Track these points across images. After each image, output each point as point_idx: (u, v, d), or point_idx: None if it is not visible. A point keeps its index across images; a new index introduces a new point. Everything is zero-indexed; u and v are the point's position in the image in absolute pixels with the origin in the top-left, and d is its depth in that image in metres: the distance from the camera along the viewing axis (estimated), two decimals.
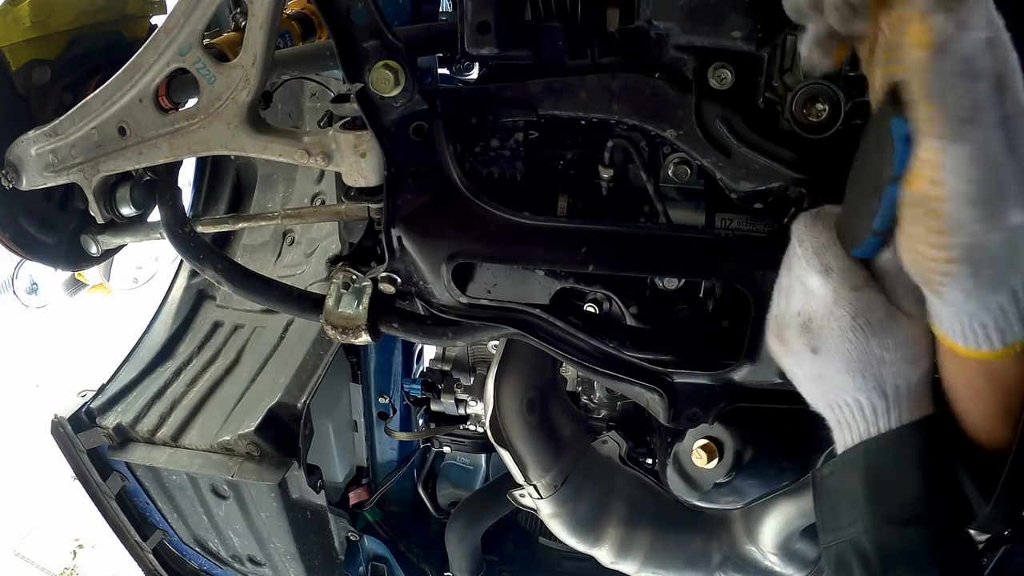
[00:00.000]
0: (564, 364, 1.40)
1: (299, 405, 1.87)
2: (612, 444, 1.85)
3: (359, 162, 1.03)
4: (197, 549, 2.27)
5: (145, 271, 6.88)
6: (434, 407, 2.28)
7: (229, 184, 2.41)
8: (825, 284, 0.76)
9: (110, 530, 2.19)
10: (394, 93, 0.97)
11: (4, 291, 6.66)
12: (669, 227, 1.03)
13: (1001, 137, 0.59)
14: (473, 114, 1.04)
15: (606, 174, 1.05)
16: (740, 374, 1.02)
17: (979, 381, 0.73)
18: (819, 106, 0.90)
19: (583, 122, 1.02)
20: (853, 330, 0.75)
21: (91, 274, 6.77)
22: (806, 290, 0.78)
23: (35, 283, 6.82)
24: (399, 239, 1.05)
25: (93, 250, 1.42)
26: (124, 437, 2.01)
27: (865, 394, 0.77)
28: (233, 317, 2.29)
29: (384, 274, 1.09)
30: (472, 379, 2.21)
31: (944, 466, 0.76)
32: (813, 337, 0.78)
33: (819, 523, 0.85)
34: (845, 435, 0.80)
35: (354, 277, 1.11)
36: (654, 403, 1.08)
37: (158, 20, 1.44)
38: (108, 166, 1.17)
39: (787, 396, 0.88)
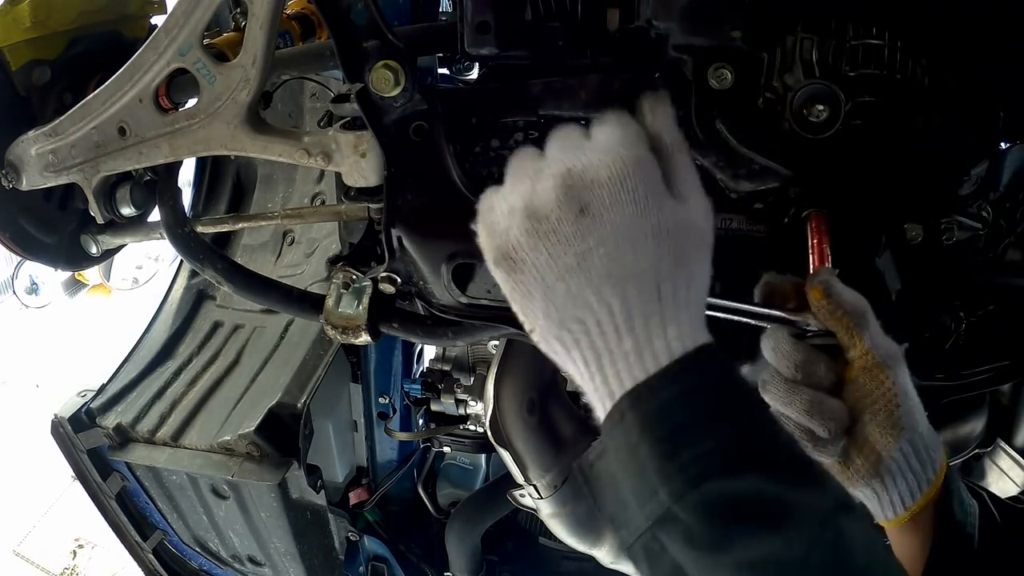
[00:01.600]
0: None
1: (299, 405, 1.87)
2: None
3: (359, 162, 1.03)
4: (197, 549, 2.27)
5: (145, 271, 6.88)
6: (434, 407, 2.27)
7: (229, 184, 2.41)
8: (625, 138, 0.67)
9: (110, 530, 2.20)
10: (394, 93, 0.97)
11: (4, 291, 6.67)
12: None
13: None
14: (473, 114, 1.04)
15: None
16: None
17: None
18: (819, 106, 0.90)
19: (583, 122, 1.02)
20: (646, 196, 0.63)
21: (91, 274, 6.78)
22: (582, 146, 0.68)
23: (35, 283, 6.83)
24: (399, 239, 1.04)
25: (93, 250, 1.42)
26: (124, 437, 2.01)
27: (638, 300, 0.62)
28: (233, 317, 2.29)
29: (384, 274, 1.09)
30: (472, 379, 2.21)
31: (739, 390, 0.64)
32: (579, 199, 0.64)
33: (608, 521, 0.68)
34: (595, 373, 0.63)
35: (354, 277, 1.11)
36: None
37: (158, 20, 1.44)
38: (108, 166, 1.17)
39: None
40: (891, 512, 0.82)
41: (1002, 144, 1.16)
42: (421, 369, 2.43)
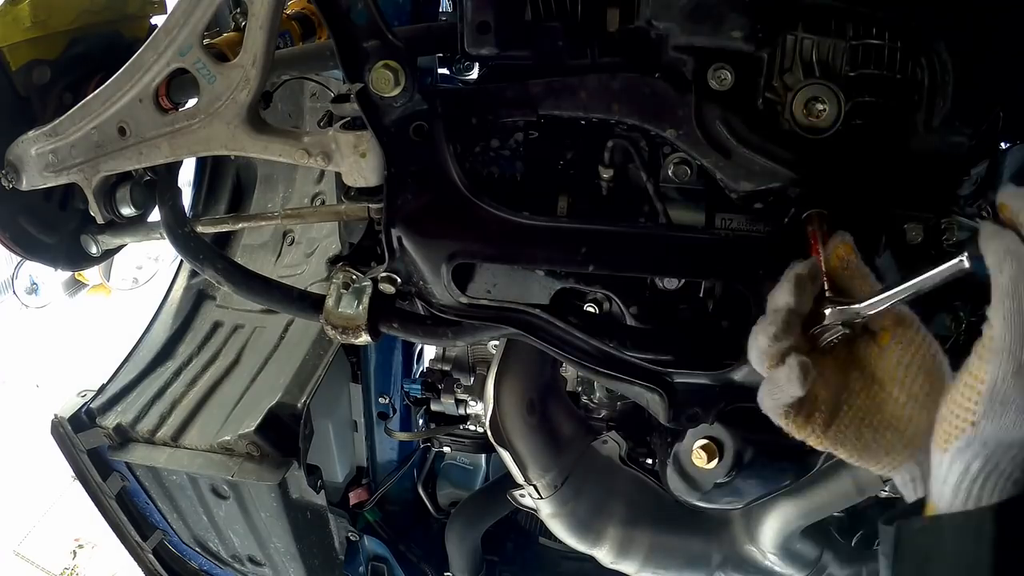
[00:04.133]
0: (564, 364, 1.40)
1: (299, 405, 1.87)
2: (612, 444, 1.86)
3: (359, 162, 1.03)
4: (197, 549, 2.27)
5: (145, 271, 6.88)
6: (434, 407, 2.28)
7: (229, 184, 2.41)
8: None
9: (110, 530, 2.19)
10: (394, 93, 0.97)
11: (4, 291, 6.67)
12: (669, 227, 1.03)
13: None
14: (473, 114, 1.04)
15: (606, 174, 1.05)
16: (740, 374, 1.02)
17: None
18: (819, 106, 0.90)
19: (583, 122, 1.02)
20: None
21: (91, 274, 6.78)
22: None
23: (35, 283, 6.83)
24: (399, 239, 1.04)
25: (93, 250, 1.41)
26: (124, 437, 2.01)
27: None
28: (233, 317, 2.29)
29: (384, 274, 1.09)
30: (472, 379, 2.21)
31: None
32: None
33: None
34: (982, 491, 0.66)
35: (354, 277, 1.11)
36: (654, 403, 1.08)
37: (158, 20, 1.44)
38: (108, 166, 1.17)
39: None
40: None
41: (1002, 144, 1.16)
42: (421, 369, 2.43)
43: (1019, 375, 0.63)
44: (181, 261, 2.39)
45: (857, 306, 0.78)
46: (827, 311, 0.80)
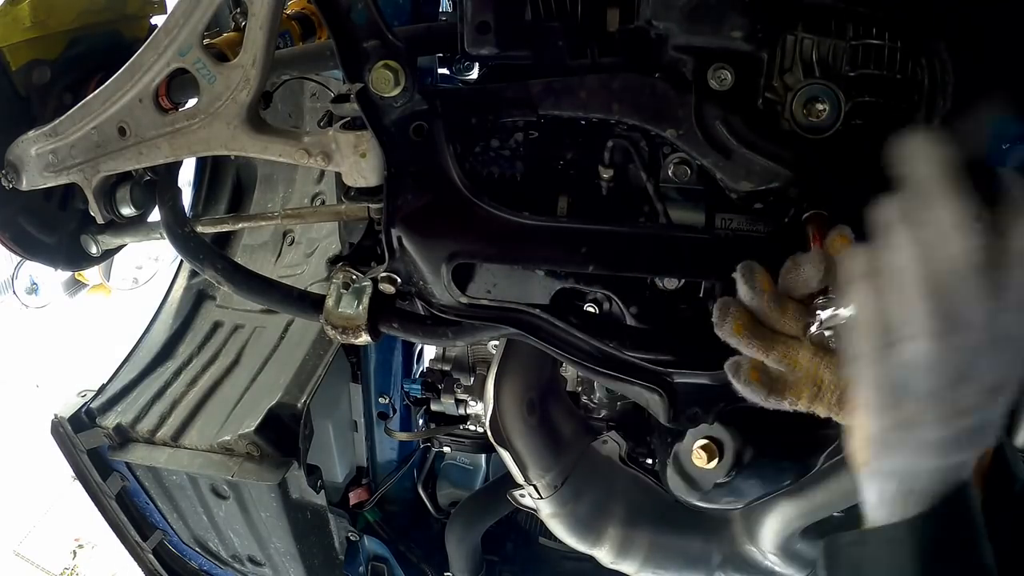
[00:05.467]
0: (564, 364, 1.40)
1: (299, 405, 1.87)
2: (612, 444, 1.85)
3: (359, 162, 1.03)
4: (197, 549, 2.27)
5: (145, 271, 6.89)
6: (434, 407, 2.27)
7: (229, 184, 2.41)
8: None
9: (110, 530, 2.20)
10: (394, 93, 0.97)
11: (4, 291, 6.67)
12: (669, 227, 1.03)
13: None
14: (473, 114, 1.04)
15: (606, 174, 1.05)
16: None
17: None
18: (819, 106, 0.90)
19: (583, 122, 1.02)
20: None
21: (91, 274, 6.78)
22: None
23: (35, 283, 6.83)
24: (399, 239, 1.04)
25: (93, 250, 1.41)
26: (124, 437, 2.01)
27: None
28: (233, 317, 2.29)
29: (384, 274, 1.09)
30: (472, 379, 2.21)
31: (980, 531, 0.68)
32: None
33: None
34: (897, 508, 0.69)
35: (354, 277, 1.11)
36: (654, 403, 1.08)
37: (158, 20, 1.44)
38: (108, 166, 1.17)
39: None
40: None
41: (1002, 144, 1.16)
42: (421, 369, 2.43)
43: (897, 431, 0.65)
44: (181, 261, 2.39)
45: (847, 313, 0.78)
46: (824, 312, 0.79)
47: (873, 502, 0.71)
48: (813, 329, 0.81)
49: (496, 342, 1.80)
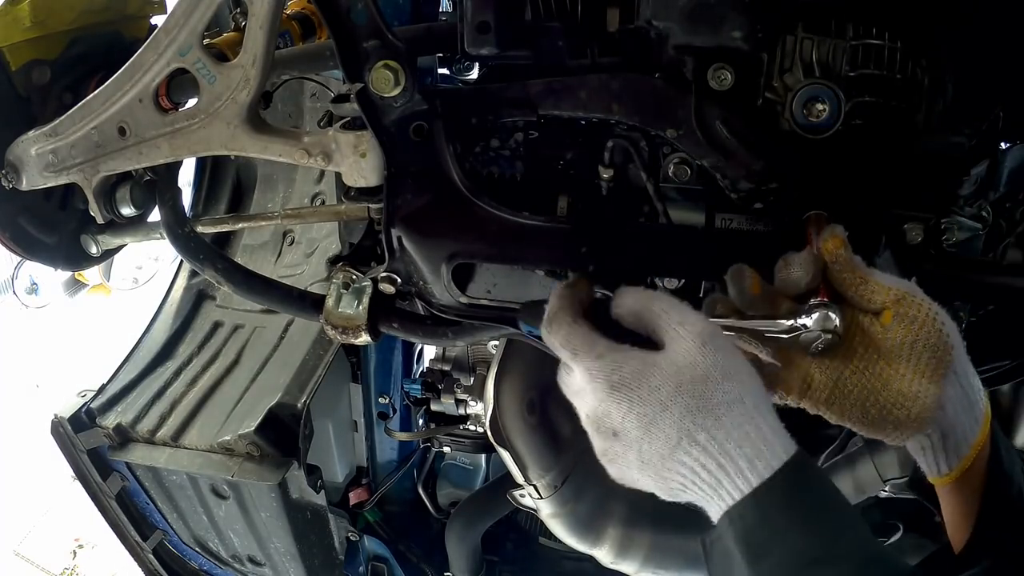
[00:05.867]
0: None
1: (299, 405, 1.87)
2: None
3: (359, 162, 1.03)
4: (197, 549, 2.27)
5: (145, 271, 6.89)
6: (434, 407, 2.27)
7: (229, 184, 2.41)
8: (578, 369, 0.76)
9: (110, 530, 2.20)
10: (394, 93, 0.97)
11: (4, 291, 6.67)
12: (669, 227, 1.03)
13: None
14: (473, 114, 1.04)
15: (606, 174, 1.05)
16: None
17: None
18: (819, 106, 0.90)
19: (583, 122, 1.02)
20: (616, 398, 0.72)
21: (91, 274, 6.78)
22: (576, 389, 0.78)
23: (35, 283, 6.83)
24: (399, 239, 1.04)
25: (93, 250, 1.41)
26: (124, 437, 2.01)
27: (698, 462, 0.70)
28: (233, 317, 2.29)
29: (384, 274, 1.09)
30: (472, 379, 2.21)
31: (818, 499, 0.71)
32: (606, 428, 0.74)
33: None
34: (711, 508, 0.73)
35: (354, 277, 1.11)
36: None
37: (158, 20, 1.44)
38: (108, 166, 1.17)
39: None
40: (944, 465, 0.80)
41: (1002, 144, 1.16)
42: (421, 369, 2.43)
43: None
44: (181, 261, 2.39)
45: (836, 322, 0.78)
46: (813, 315, 0.79)
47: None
48: (801, 329, 0.81)
49: (496, 342, 1.81)
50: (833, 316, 0.78)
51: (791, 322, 0.80)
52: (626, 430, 0.72)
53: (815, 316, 0.79)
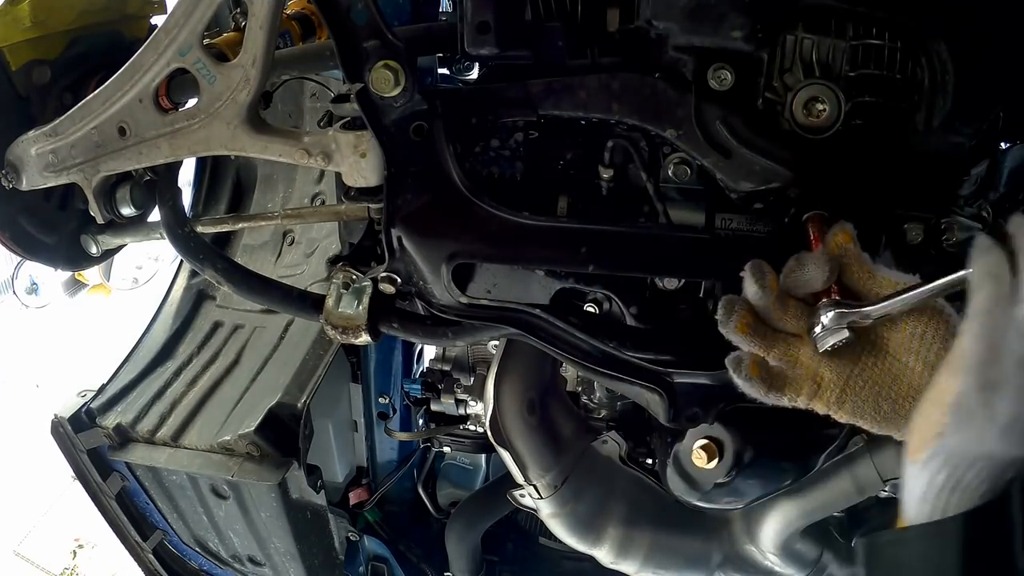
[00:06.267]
0: (564, 364, 1.40)
1: (299, 405, 1.87)
2: (612, 444, 1.85)
3: (359, 162, 1.03)
4: (197, 549, 2.27)
5: (145, 271, 6.88)
6: (434, 407, 2.27)
7: (229, 184, 2.41)
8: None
9: (110, 530, 2.19)
10: (394, 93, 0.97)
11: (4, 291, 6.67)
12: (669, 227, 1.03)
13: None
14: (473, 114, 1.04)
15: (606, 174, 1.05)
16: None
17: None
18: (819, 106, 0.90)
19: (583, 122, 1.02)
20: None
21: (91, 274, 6.78)
22: None
23: (35, 283, 6.83)
24: (399, 239, 1.04)
25: (93, 250, 1.41)
26: (124, 437, 2.01)
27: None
28: (233, 317, 2.29)
29: (384, 274, 1.09)
30: (472, 379, 2.21)
31: None
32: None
33: None
34: (941, 503, 0.67)
35: (354, 277, 1.11)
36: (654, 403, 1.08)
37: (158, 20, 1.44)
38: (108, 166, 1.17)
39: None
40: None
41: (1002, 144, 1.16)
42: (421, 369, 2.43)
43: (983, 391, 0.63)
44: (181, 261, 2.39)
45: (858, 310, 0.78)
46: (828, 314, 0.79)
47: (917, 496, 0.68)
48: (817, 330, 0.80)
49: (496, 342, 1.80)
50: (848, 314, 0.78)
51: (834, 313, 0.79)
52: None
53: (830, 315, 0.79)
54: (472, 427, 2.32)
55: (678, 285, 1.08)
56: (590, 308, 1.13)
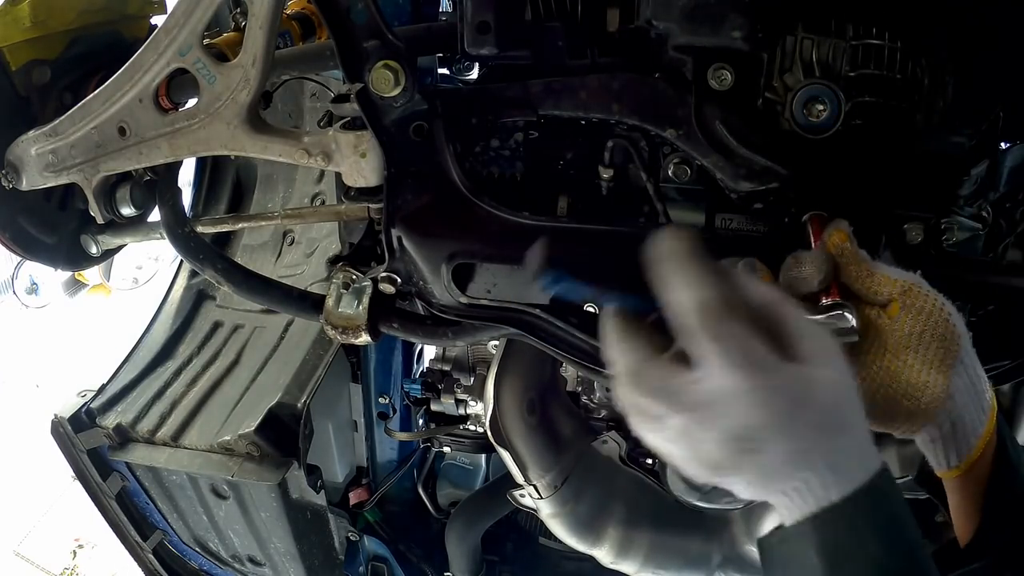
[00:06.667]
0: (564, 364, 1.40)
1: (299, 405, 1.87)
2: (612, 444, 1.86)
3: (359, 162, 1.03)
4: (197, 549, 2.27)
5: (145, 271, 6.89)
6: (434, 407, 2.28)
7: (229, 184, 2.41)
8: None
9: (110, 530, 2.19)
10: (394, 93, 0.97)
11: (4, 291, 6.67)
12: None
13: None
14: (473, 114, 1.04)
15: (606, 174, 1.05)
16: None
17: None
18: (819, 106, 0.90)
19: (583, 122, 1.02)
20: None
21: (91, 274, 6.78)
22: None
23: (35, 283, 6.83)
24: (399, 239, 1.05)
25: (93, 250, 1.41)
26: (124, 437, 2.01)
27: (809, 472, 0.66)
28: (233, 317, 2.29)
29: (384, 274, 1.09)
30: (472, 379, 2.21)
31: (897, 511, 0.69)
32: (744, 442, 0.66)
33: None
34: (792, 513, 0.69)
35: (354, 277, 1.11)
36: None
37: (158, 20, 1.44)
38: (108, 166, 1.17)
39: None
40: (953, 457, 0.80)
41: (1002, 144, 1.16)
42: (421, 369, 2.43)
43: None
44: (181, 261, 2.39)
45: (852, 322, 0.78)
46: (828, 314, 0.79)
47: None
48: None
49: (496, 342, 1.81)
50: (849, 316, 0.78)
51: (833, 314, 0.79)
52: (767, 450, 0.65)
53: (831, 316, 0.79)
54: (472, 427, 2.32)
55: None
56: (590, 308, 1.13)
